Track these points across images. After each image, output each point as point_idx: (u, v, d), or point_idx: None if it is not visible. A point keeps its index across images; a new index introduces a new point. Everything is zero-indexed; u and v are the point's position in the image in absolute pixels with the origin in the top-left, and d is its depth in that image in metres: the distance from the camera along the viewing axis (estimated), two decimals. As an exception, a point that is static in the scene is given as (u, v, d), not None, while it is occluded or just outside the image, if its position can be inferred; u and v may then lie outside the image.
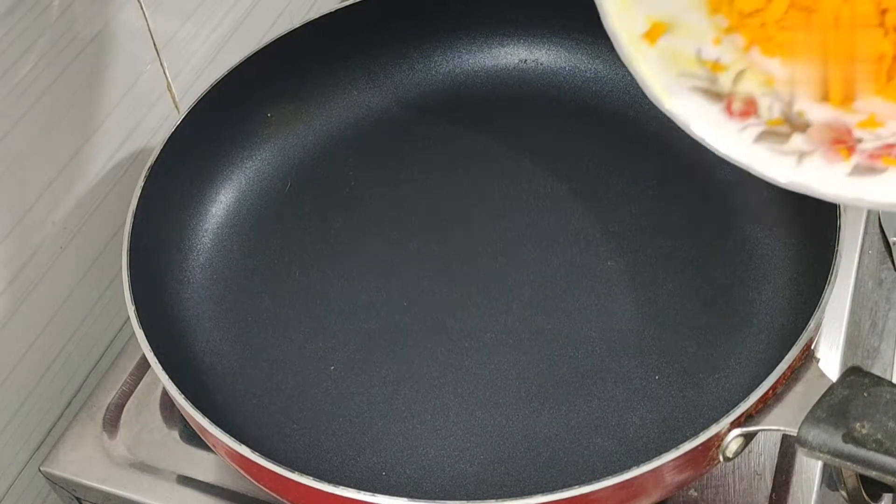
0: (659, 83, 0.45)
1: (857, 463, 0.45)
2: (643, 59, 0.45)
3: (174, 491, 0.60)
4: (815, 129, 0.44)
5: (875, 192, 0.42)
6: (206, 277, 0.65)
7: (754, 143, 0.43)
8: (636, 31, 0.46)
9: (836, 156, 0.43)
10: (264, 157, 0.71)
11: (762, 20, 0.46)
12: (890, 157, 0.43)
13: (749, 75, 0.46)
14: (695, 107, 0.44)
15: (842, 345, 0.64)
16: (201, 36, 0.72)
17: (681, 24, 0.47)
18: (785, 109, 0.45)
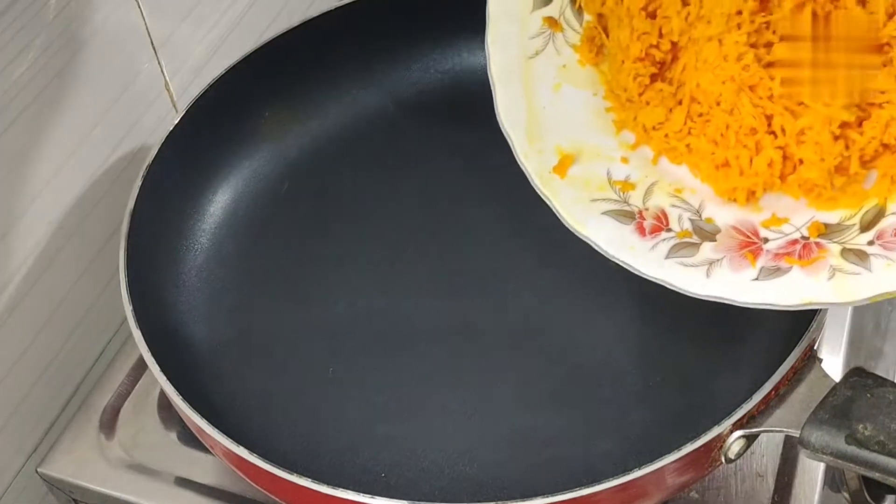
0: (573, 214, 0.48)
1: (859, 464, 0.45)
2: (556, 193, 0.49)
3: (172, 492, 0.60)
4: (724, 234, 0.47)
5: (783, 296, 0.45)
6: (203, 277, 0.65)
7: (666, 259, 0.47)
8: (547, 167, 0.50)
9: (742, 261, 0.46)
10: (262, 156, 0.70)
11: (665, 132, 0.49)
12: (792, 257, 0.45)
13: (658, 188, 0.50)
14: (609, 231, 0.48)
15: (845, 345, 0.63)
16: (199, 35, 0.72)
17: (589, 148, 0.50)
18: (694, 218, 0.48)
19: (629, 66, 0.51)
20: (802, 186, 0.48)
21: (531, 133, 0.51)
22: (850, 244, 0.46)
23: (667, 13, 0.50)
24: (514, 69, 0.53)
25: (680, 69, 0.50)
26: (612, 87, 0.52)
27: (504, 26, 0.53)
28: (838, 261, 0.45)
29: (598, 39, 0.53)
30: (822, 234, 0.47)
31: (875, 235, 0.45)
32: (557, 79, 0.53)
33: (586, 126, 0.52)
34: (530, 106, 0.52)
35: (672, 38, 0.50)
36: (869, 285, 0.44)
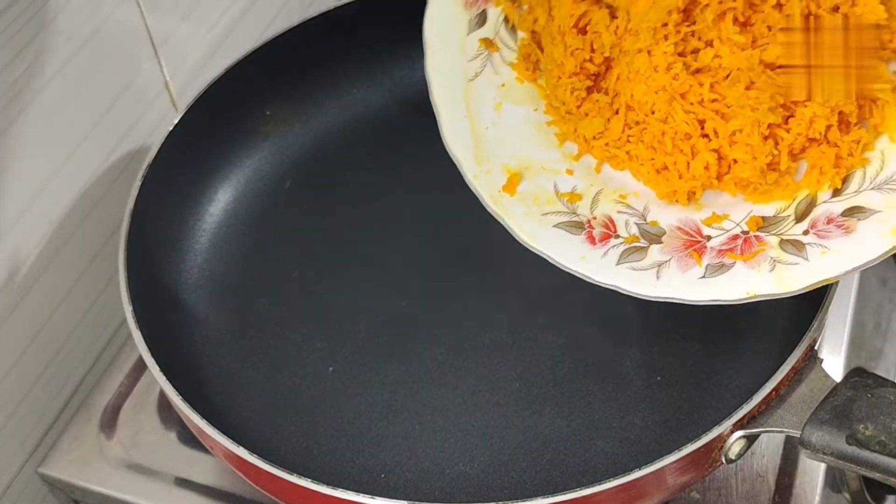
0: (525, 230, 0.50)
1: (860, 465, 0.45)
2: (507, 211, 0.51)
3: (172, 493, 0.60)
4: (669, 236, 0.49)
5: (728, 291, 0.47)
6: (203, 277, 0.65)
7: (617, 266, 0.48)
8: (496, 186, 0.51)
9: (689, 260, 0.49)
10: (263, 156, 0.70)
11: (605, 140, 0.51)
12: (734, 252, 0.48)
13: (604, 196, 0.51)
14: (560, 242, 0.50)
15: (845, 346, 0.63)
16: (199, 34, 0.72)
17: (535, 163, 0.52)
18: (640, 222, 0.50)
19: (565, 81, 0.52)
20: (738, 184, 0.50)
21: (478, 155, 0.52)
22: (786, 235, 0.48)
23: (597, 28, 0.51)
24: (455, 93, 0.54)
25: (614, 79, 0.51)
26: (551, 101, 0.54)
27: (442, 52, 0.54)
28: (777, 252, 0.47)
29: (534, 56, 0.54)
30: (761, 227, 0.49)
31: (809, 225, 0.48)
32: (498, 98, 0.54)
33: (530, 142, 0.53)
34: (474, 128, 0.53)
35: (604, 52, 0.51)
36: (807, 274, 0.46)
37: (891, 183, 0.47)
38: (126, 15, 0.64)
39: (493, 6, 0.56)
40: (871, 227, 0.46)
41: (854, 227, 0.46)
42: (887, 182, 0.47)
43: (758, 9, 0.48)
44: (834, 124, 0.48)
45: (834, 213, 0.47)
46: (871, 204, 0.46)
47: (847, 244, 0.46)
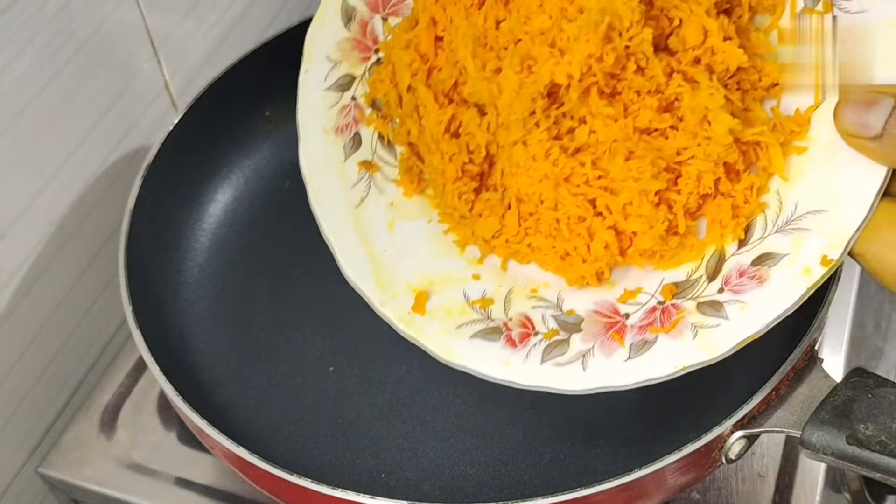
0: (443, 348, 0.48)
1: (860, 465, 0.45)
2: (421, 331, 0.49)
3: (172, 493, 0.60)
4: (588, 322, 0.48)
5: (657, 368, 0.45)
6: (203, 277, 0.65)
7: (542, 365, 0.47)
8: (405, 309, 0.50)
9: (612, 343, 0.47)
10: (263, 155, 0.70)
11: (505, 237, 0.51)
12: (655, 326, 0.47)
13: (515, 295, 0.50)
14: (481, 353, 0.48)
15: (845, 346, 0.63)
16: (199, 33, 0.72)
17: (440, 276, 0.51)
18: (556, 314, 0.49)
19: (451, 188, 0.51)
20: (643, 255, 0.49)
21: (380, 281, 0.51)
22: (702, 297, 0.47)
23: (468, 129, 0.50)
24: (345, 223, 0.53)
25: (499, 175, 0.50)
26: (443, 208, 0.53)
27: (323, 184, 0.54)
28: (697, 317, 0.46)
29: (416, 168, 0.54)
30: (676, 294, 0.47)
31: (723, 282, 0.47)
32: (389, 217, 0.53)
33: (430, 255, 0.52)
34: (372, 253, 0.52)
35: (480, 152, 0.50)
36: (731, 334, 0.45)
37: (792, 223, 0.46)
38: (126, 15, 0.64)
39: (364, 126, 0.55)
40: (783, 272, 0.45)
41: (766, 275, 0.45)
42: (789, 223, 0.46)
43: (620, 77, 0.47)
44: (722, 176, 0.47)
45: (744, 265, 0.46)
46: (778, 248, 0.46)
47: (763, 295, 0.45)
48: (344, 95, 0.55)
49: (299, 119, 0.55)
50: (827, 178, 0.45)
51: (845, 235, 0.44)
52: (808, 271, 0.44)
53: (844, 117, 0.43)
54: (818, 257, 0.44)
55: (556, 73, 0.46)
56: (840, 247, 0.44)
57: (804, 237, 0.45)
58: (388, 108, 0.54)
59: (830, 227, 0.44)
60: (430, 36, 0.52)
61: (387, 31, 0.55)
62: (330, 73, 0.56)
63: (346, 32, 0.56)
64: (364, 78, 0.55)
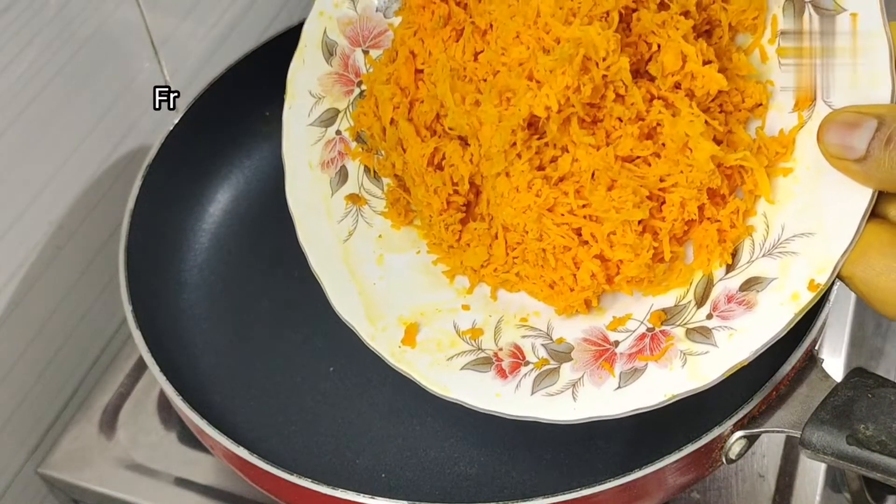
0: (434, 381, 0.48)
1: (860, 465, 0.45)
2: (412, 365, 0.49)
3: (172, 493, 0.60)
4: (577, 350, 0.48)
5: (646, 398, 0.45)
6: (203, 277, 0.65)
7: (532, 396, 0.47)
8: (396, 342, 0.50)
9: (601, 372, 0.46)
10: (263, 155, 0.70)
11: (493, 267, 0.51)
12: (644, 354, 0.46)
13: (505, 324, 0.50)
14: (472, 384, 0.48)
15: (846, 346, 0.63)
16: (199, 33, 0.72)
17: (429, 308, 0.51)
18: (546, 343, 0.49)
19: (437, 220, 0.51)
20: (630, 283, 0.48)
21: (370, 315, 0.51)
22: (691, 324, 0.46)
23: (452, 161, 0.50)
24: (333, 258, 0.53)
25: (486, 204, 0.51)
26: (431, 239, 0.53)
27: (311, 220, 0.54)
28: (686, 344, 0.46)
29: (403, 200, 0.53)
30: (665, 321, 0.47)
31: (711, 307, 0.46)
32: (378, 250, 0.53)
33: (420, 287, 0.52)
34: (361, 287, 0.52)
35: (464, 184, 0.50)
36: (719, 362, 0.44)
37: (780, 246, 0.45)
38: (126, 15, 0.64)
39: (350, 160, 0.55)
40: (771, 297, 0.44)
41: (754, 300, 0.45)
42: (776, 246, 0.45)
43: (600, 105, 0.47)
44: (706, 202, 0.47)
45: (732, 290, 0.46)
46: (766, 272, 0.45)
47: (751, 321, 0.44)
48: (328, 130, 0.56)
49: (285, 155, 0.55)
50: (813, 200, 0.45)
51: (832, 259, 0.43)
52: (796, 297, 0.44)
53: (828, 139, 0.43)
54: (806, 282, 0.44)
55: (535, 105, 0.46)
56: (827, 271, 0.43)
57: (792, 261, 0.44)
58: (373, 141, 0.54)
59: (818, 250, 0.44)
60: (410, 69, 0.52)
61: (368, 64, 0.55)
62: (314, 108, 0.56)
63: (327, 67, 0.56)
64: (348, 111, 0.55)
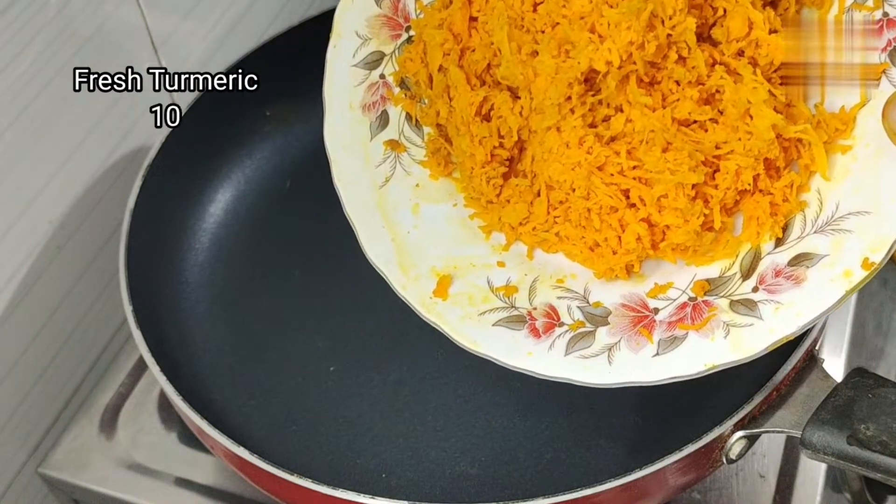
0: (464, 335, 0.47)
1: (861, 465, 0.45)
2: (442, 317, 0.48)
3: (172, 493, 0.60)
4: (615, 315, 0.47)
5: (685, 366, 0.44)
6: (204, 277, 0.65)
7: (566, 357, 0.45)
8: (427, 293, 0.48)
9: (639, 338, 0.45)
10: (263, 155, 0.70)
11: (532, 225, 0.49)
12: (685, 322, 0.45)
13: (541, 284, 0.49)
14: (504, 342, 0.47)
15: (846, 346, 0.63)
16: (200, 33, 0.72)
17: (464, 262, 0.49)
18: (582, 305, 0.47)
19: (479, 172, 0.50)
20: (676, 250, 0.48)
21: (403, 263, 0.50)
22: (736, 295, 0.45)
23: (500, 113, 0.49)
24: (368, 202, 0.52)
25: (530, 161, 0.49)
26: (470, 193, 0.52)
27: (347, 162, 0.53)
28: (729, 315, 0.45)
29: (444, 150, 0.52)
30: (708, 291, 0.46)
31: (757, 280, 0.45)
32: (414, 199, 0.52)
33: (455, 240, 0.51)
34: (395, 235, 0.51)
35: (511, 136, 0.49)
36: (764, 335, 0.43)
37: (833, 224, 0.45)
38: (126, 15, 0.64)
39: (392, 105, 0.54)
40: (821, 273, 0.43)
41: (804, 276, 0.44)
42: (829, 223, 0.45)
43: (661, 66, 0.46)
44: (762, 172, 0.46)
45: (780, 265, 0.45)
46: (817, 249, 0.44)
47: (800, 296, 0.44)
48: (372, 73, 0.54)
49: (325, 94, 0.54)
50: (870, 179, 0.44)
51: (889, 239, 0.42)
52: (848, 274, 0.43)
53: (892, 116, 0.42)
54: (859, 260, 0.43)
55: (595, 59, 0.45)
56: (883, 250, 0.42)
57: (845, 239, 0.44)
58: (418, 88, 0.53)
59: (873, 229, 0.43)
60: (465, 16, 0.51)
61: (419, 9, 0.54)
62: (359, 49, 0.54)
63: (377, 9, 0.54)
64: (394, 56, 0.54)
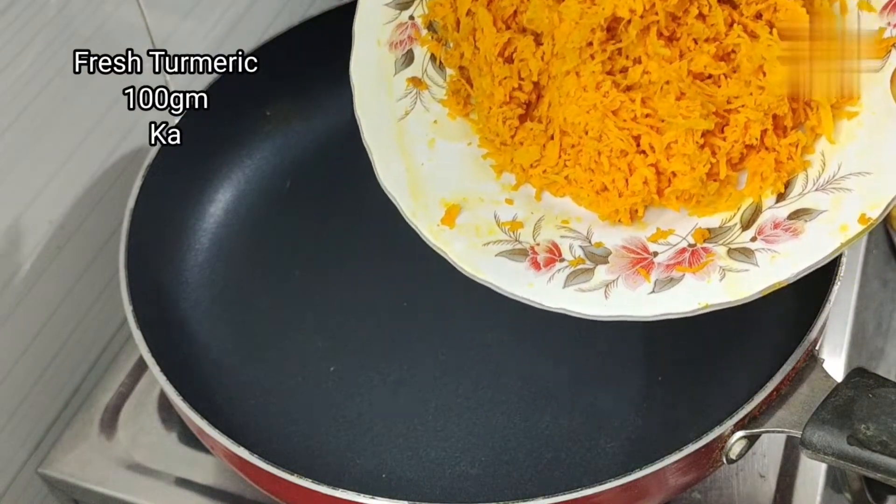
0: (468, 262, 0.49)
1: (861, 465, 0.45)
2: (448, 244, 0.50)
3: (172, 493, 0.60)
4: (615, 256, 0.49)
5: (679, 303, 0.46)
6: (204, 277, 0.65)
7: (564, 289, 0.47)
8: (435, 220, 0.50)
9: (637, 277, 0.47)
10: (263, 155, 0.70)
11: (543, 168, 0.51)
12: (682, 265, 0.47)
13: (546, 223, 0.51)
14: (505, 271, 0.49)
15: (846, 346, 0.63)
16: (200, 33, 0.71)
17: (473, 195, 0.52)
18: (584, 245, 0.49)
19: (496, 112, 0.52)
20: (680, 198, 0.49)
21: (414, 191, 0.52)
22: (734, 244, 0.47)
23: (523, 56, 0.51)
24: (386, 132, 0.54)
25: (546, 106, 0.51)
26: (485, 133, 0.54)
27: (370, 94, 0.54)
28: (726, 261, 0.47)
29: (464, 91, 0.54)
30: (708, 239, 0.48)
31: (756, 231, 0.47)
32: (431, 135, 0.54)
33: (466, 175, 0.53)
34: (409, 165, 0.53)
35: (532, 78, 0.51)
36: (758, 280, 0.45)
37: (834, 182, 0.46)
38: (127, 14, 0.64)
39: (418, 46, 0.55)
40: (819, 226, 0.45)
41: (802, 228, 0.46)
42: (830, 182, 0.47)
43: (681, 21, 0.48)
44: (769, 128, 0.48)
45: (780, 218, 0.47)
46: (817, 205, 0.46)
47: (796, 246, 0.45)
48: (402, 14, 0.56)
49: (356, 28, 0.56)
50: (874, 143, 0.46)
51: (886, 197, 0.44)
52: (844, 228, 0.45)
53: None
54: (856, 216, 0.45)
55: (620, 6, 0.47)
56: (881, 207, 0.44)
57: (845, 196, 0.45)
58: (445, 32, 0.55)
59: (873, 188, 0.45)
60: None
61: None
62: None
63: None
64: (424, 0, 0.56)
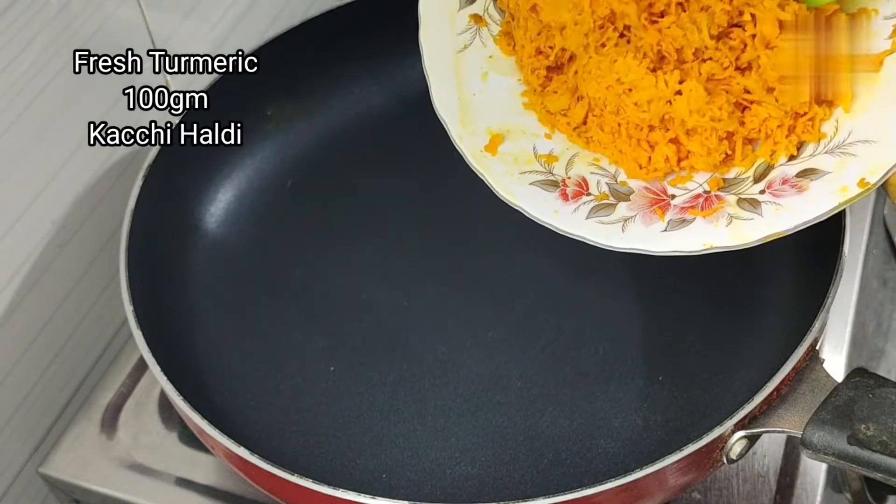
0: (504, 187, 0.53)
1: (861, 465, 0.45)
2: (489, 169, 0.54)
3: (173, 493, 0.60)
4: (637, 195, 0.53)
5: (687, 242, 0.49)
6: (204, 277, 0.65)
7: (586, 220, 0.52)
8: (479, 147, 0.55)
9: (653, 216, 0.51)
10: (264, 155, 0.70)
11: (569, 121, 0.55)
12: (695, 209, 0.51)
13: (579, 159, 0.54)
14: (536, 198, 0.53)
15: (847, 346, 0.63)
16: (200, 33, 0.71)
17: (516, 127, 0.56)
18: (610, 182, 0.53)
19: (526, 62, 0.56)
20: (696, 167, 0.53)
21: (464, 118, 0.55)
22: (744, 194, 0.51)
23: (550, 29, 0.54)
24: (445, 63, 0.57)
25: (573, 72, 0.54)
26: (525, 76, 0.57)
27: (434, 25, 0.58)
28: (735, 209, 0.50)
29: (512, 34, 0.58)
30: (721, 188, 0.51)
31: (766, 185, 0.50)
32: (485, 68, 0.57)
33: (512, 109, 0.56)
34: (461, 95, 0.56)
35: (556, 49, 0.54)
36: (760, 228, 0.48)
37: (843, 147, 0.49)
38: (127, 14, 0.64)
39: None
40: (821, 186, 0.48)
41: (806, 186, 0.49)
42: (839, 147, 0.50)
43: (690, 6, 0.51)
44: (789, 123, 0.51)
45: (789, 175, 0.50)
46: (824, 166, 0.49)
47: (799, 201, 0.48)
48: None
49: None
50: (885, 115, 0.49)
51: (886, 165, 0.47)
52: (844, 189, 0.47)
53: None
54: (857, 179, 0.47)
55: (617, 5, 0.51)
56: (880, 173, 0.47)
57: (850, 161, 0.49)
58: None
59: (876, 155, 0.48)
60: None
61: None
62: None
63: None
64: None
